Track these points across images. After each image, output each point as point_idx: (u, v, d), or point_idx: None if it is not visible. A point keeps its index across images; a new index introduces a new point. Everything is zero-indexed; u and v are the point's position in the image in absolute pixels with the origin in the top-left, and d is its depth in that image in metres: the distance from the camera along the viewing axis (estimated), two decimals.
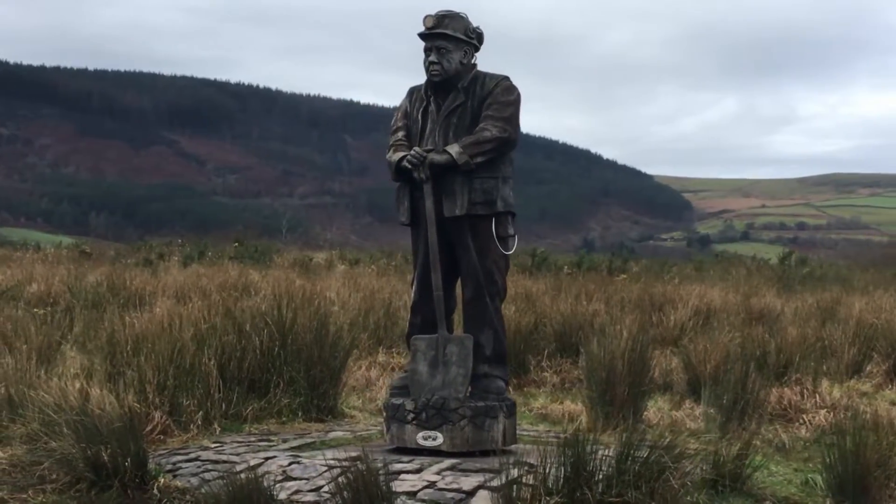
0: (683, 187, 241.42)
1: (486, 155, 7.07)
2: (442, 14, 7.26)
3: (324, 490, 6.29)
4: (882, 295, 17.51)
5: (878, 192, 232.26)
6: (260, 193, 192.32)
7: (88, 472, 6.44)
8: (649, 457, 5.81)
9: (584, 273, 23.21)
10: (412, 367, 7.14)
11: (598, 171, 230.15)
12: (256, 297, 11.93)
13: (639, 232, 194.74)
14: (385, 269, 23.38)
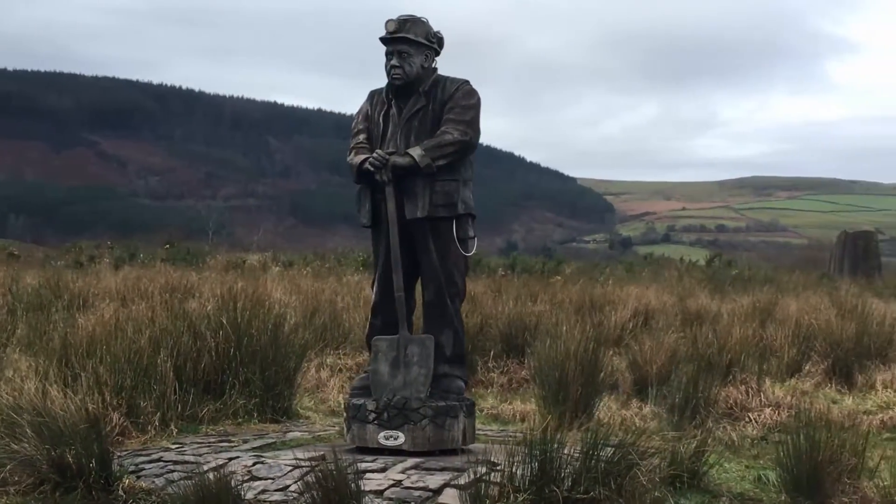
0: (606, 190, 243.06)
1: (448, 158, 7.17)
2: (403, 18, 7.36)
3: (290, 489, 6.35)
4: (811, 296, 17.84)
5: (795, 195, 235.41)
6: (183, 195, 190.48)
7: (53, 474, 6.44)
8: (615, 454, 5.93)
9: (518, 275, 23.37)
10: (373, 368, 7.21)
11: (521, 174, 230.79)
12: (201, 300, 11.90)
13: (562, 234, 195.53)
14: (320, 271, 23.38)
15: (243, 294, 9.09)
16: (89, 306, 12.42)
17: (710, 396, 8.53)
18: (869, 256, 35.85)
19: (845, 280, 27.42)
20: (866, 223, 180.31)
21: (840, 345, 11.08)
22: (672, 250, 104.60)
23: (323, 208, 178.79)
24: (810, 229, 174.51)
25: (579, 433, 7.11)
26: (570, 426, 8.41)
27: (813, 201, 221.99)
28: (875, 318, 12.35)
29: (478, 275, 22.98)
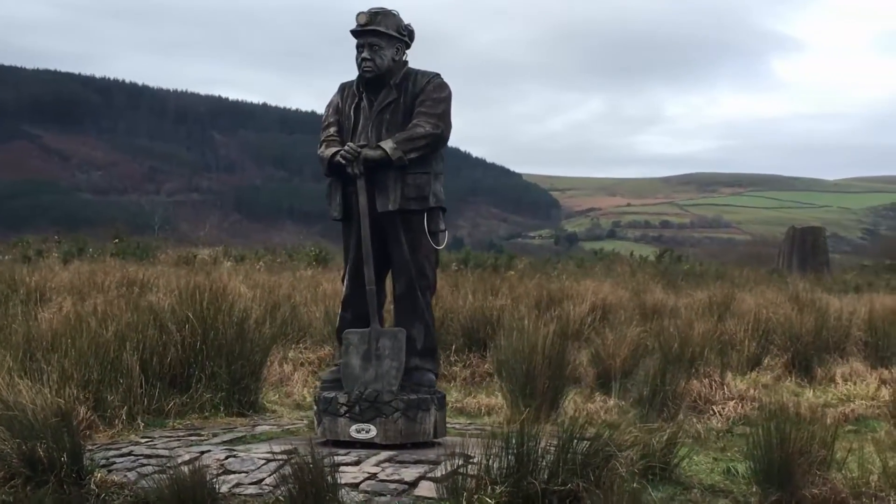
0: (551, 186, 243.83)
1: (420, 151, 7.17)
2: (374, 11, 7.35)
3: (265, 483, 6.34)
4: (766, 291, 18.00)
5: (739, 191, 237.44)
6: (126, 190, 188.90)
7: (23, 468, 6.39)
8: (592, 447, 5.96)
9: (472, 270, 23.38)
10: (345, 361, 7.19)
11: (467, 170, 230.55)
12: (159, 294, 11.85)
13: (507, 230, 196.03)
14: (273, 265, 23.29)
15: (207, 288, 8.98)
16: (47, 300, 12.30)
17: (676, 390, 8.57)
18: (817, 252, 36.24)
19: (795, 276, 27.69)
20: (809, 219, 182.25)
21: (799, 339, 11.20)
22: (617, 246, 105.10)
23: (268, 203, 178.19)
24: (753, 225, 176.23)
25: (551, 426, 7.13)
26: (538, 419, 8.44)
27: (756, 198, 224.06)
28: (832, 313, 12.46)
29: None
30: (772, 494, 6.45)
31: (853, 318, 12.62)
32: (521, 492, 5.83)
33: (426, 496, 6.08)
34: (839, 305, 14.27)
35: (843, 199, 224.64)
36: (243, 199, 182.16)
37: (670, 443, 6.78)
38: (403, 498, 6.06)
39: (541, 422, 8.10)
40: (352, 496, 6.05)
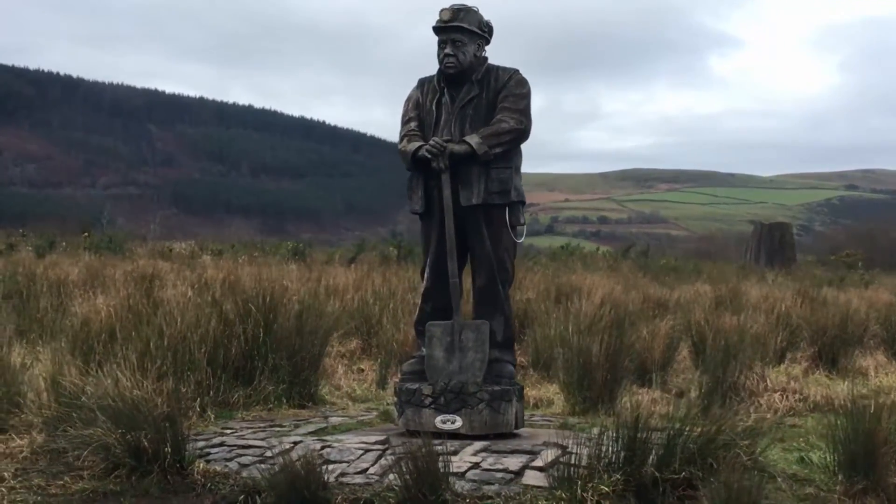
0: None
1: (504, 146, 7.28)
2: (457, 7, 7.44)
3: (370, 472, 6.42)
4: (755, 286, 18.28)
5: (676, 187, 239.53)
6: (61, 184, 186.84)
7: (128, 458, 6.42)
8: (703, 435, 6.09)
9: None
10: (428, 353, 7.27)
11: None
12: (181, 286, 11.86)
13: None
14: (255, 259, 23.24)
15: (261, 282, 9.06)
16: (69, 293, 12.27)
17: (736, 381, 8.74)
18: (784, 248, 36.75)
19: (765, 270, 28.07)
20: (744, 215, 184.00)
21: (825, 332, 11.42)
22: (557, 241, 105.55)
23: (205, 197, 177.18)
24: (690, 221, 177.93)
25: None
26: (597, 411, 8.61)
27: (692, 193, 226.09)
28: (850, 308, 12.72)
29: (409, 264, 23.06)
30: (857, 483, 6.58)
31: (869, 312, 12.87)
32: (633, 480, 5.94)
33: (535, 485, 6.18)
34: (844, 300, 14.53)
35: (778, 195, 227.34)
36: (180, 194, 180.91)
37: (753, 432, 6.89)
38: (513, 486, 6.17)
39: (593, 413, 8.32)
40: (461, 484, 6.15)
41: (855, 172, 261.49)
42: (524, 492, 6.09)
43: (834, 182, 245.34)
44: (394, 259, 24.89)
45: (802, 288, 16.23)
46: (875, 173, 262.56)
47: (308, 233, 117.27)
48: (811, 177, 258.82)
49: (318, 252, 30.47)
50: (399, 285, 14.14)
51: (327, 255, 27.83)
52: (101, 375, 6.94)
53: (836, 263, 37.17)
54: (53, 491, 6.26)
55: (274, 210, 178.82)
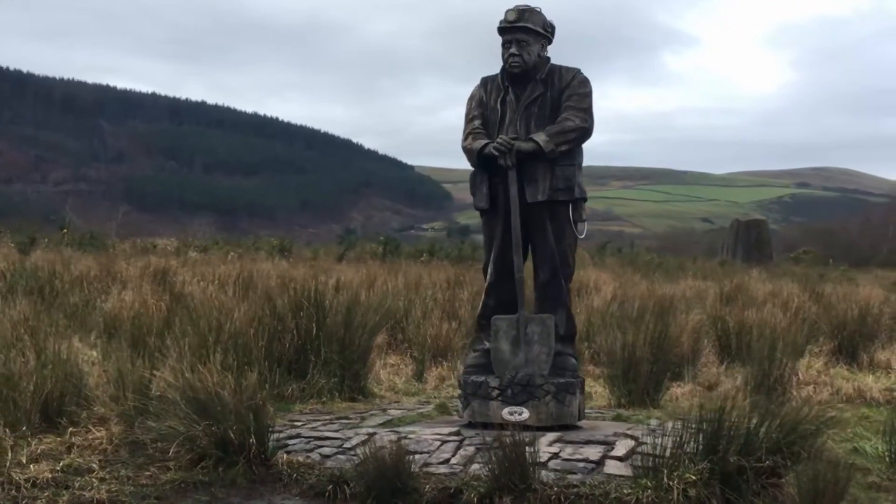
0: (444, 178, 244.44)
1: (570, 144, 7.47)
2: (522, 8, 7.61)
3: (452, 462, 6.57)
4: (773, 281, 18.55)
5: (630, 184, 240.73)
6: (11, 180, 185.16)
7: (214, 450, 6.53)
8: (785, 423, 6.26)
9: (439, 260, 23.65)
10: (495, 346, 7.44)
11: (359, 162, 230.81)
12: (202, 282, 11.96)
13: (400, 222, 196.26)
14: (244, 255, 23.27)
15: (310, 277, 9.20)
16: (94, 289, 12.33)
17: (783, 373, 8.95)
18: (761, 244, 37.23)
19: (743, 266, 28.41)
20: (697, 213, 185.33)
21: (845, 326, 11.68)
22: None
23: (158, 194, 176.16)
24: (643, 218, 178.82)
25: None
26: (644, 403, 8.80)
27: (646, 191, 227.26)
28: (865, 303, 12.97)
29: (391, 260, 23.18)
30: None
31: (883, 307, 13.13)
32: (718, 469, 6.10)
33: (618, 474, 6.34)
34: (843, 295, 14.80)
35: (731, 192, 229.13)
36: (133, 190, 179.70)
37: (832, 423, 7.02)
38: (595, 476, 6.32)
39: (638, 406, 8.51)
40: (545, 474, 6.29)
41: (807, 170, 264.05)
42: (607, 481, 6.24)
43: (786, 180, 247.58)
44: (380, 256, 25.00)
45: (809, 284, 16.54)
46: (827, 171, 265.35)
47: (262, 230, 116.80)
48: (764, 175, 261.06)
49: (302, 249, 30.54)
50: (415, 282, 14.27)
51: (312, 252, 27.92)
52: (182, 369, 7.02)
53: (808, 260, 37.70)
54: (143, 482, 6.36)
55: (227, 207, 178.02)
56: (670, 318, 10.06)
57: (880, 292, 16.93)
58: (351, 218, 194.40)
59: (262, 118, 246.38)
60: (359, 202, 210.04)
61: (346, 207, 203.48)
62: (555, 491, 6.11)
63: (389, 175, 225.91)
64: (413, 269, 17.93)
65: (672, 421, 7.08)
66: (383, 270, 16.92)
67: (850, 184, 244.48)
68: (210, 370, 6.92)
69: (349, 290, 9.91)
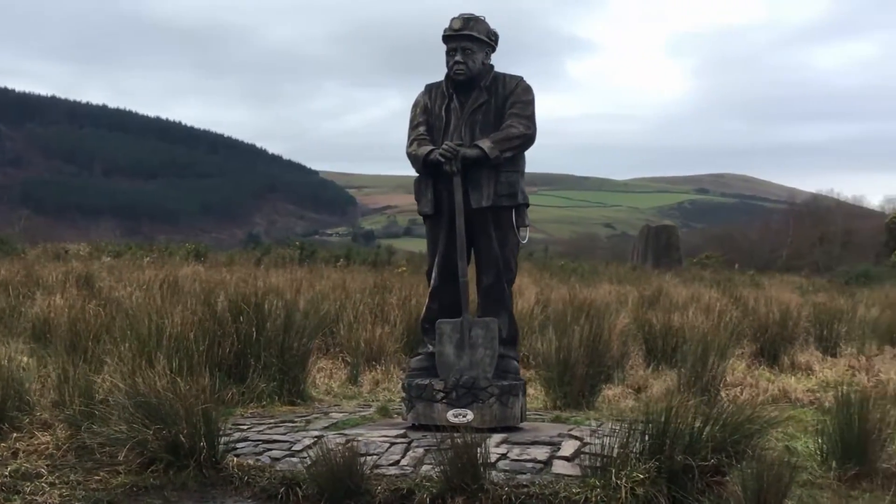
0: (348, 183, 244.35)
1: (514, 150, 7.61)
2: (467, 17, 7.74)
3: (402, 464, 6.66)
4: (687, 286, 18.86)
5: (531, 190, 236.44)
6: None
7: (165, 454, 6.55)
8: (728, 424, 6.43)
9: (356, 266, 23.68)
10: (439, 350, 7.54)
11: (263, 166, 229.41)
12: (128, 287, 11.91)
13: (304, 227, 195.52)
14: (158, 260, 23.10)
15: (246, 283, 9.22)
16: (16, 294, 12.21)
17: (715, 375, 9.16)
18: (671, 249, 37.80)
19: (654, 271, 28.82)
20: (598, 218, 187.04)
21: (767, 330, 11.97)
22: (414, 244, 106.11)
23: (56, 198, 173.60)
24: (546, 224, 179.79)
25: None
26: (580, 405, 8.96)
27: (548, 196, 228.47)
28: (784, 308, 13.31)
29: (308, 265, 23.15)
30: (850, 469, 7.00)
31: (801, 311, 13.47)
32: (664, 468, 6.26)
33: (566, 473, 6.47)
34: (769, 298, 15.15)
35: (632, 198, 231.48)
36: (30, 194, 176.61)
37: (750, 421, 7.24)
38: (544, 475, 6.44)
39: (574, 408, 8.66)
40: (495, 474, 6.40)
41: (705, 176, 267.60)
42: (556, 480, 6.36)
43: (685, 186, 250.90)
44: (297, 260, 24.96)
45: (728, 288, 16.87)
46: (724, 177, 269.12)
47: (164, 234, 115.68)
48: (664, 180, 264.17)
49: (218, 254, 30.37)
50: (340, 286, 14.32)
51: (227, 257, 27.79)
52: (129, 373, 7.03)
53: (713, 264, 38.38)
54: (93, 486, 6.37)
55: (129, 211, 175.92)
56: (604, 321, 10.19)
57: (794, 296, 17.33)
58: (254, 223, 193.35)
59: (165, 122, 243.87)
60: (262, 207, 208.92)
61: (249, 212, 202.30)
62: (505, 491, 6.22)
63: (293, 180, 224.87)
64: (334, 273, 17.96)
65: (613, 422, 7.21)
66: (305, 275, 16.93)
67: (748, 190, 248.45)
68: (159, 374, 6.92)
69: (281, 295, 9.90)
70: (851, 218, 67.43)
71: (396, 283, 15.66)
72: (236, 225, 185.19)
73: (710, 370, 9.13)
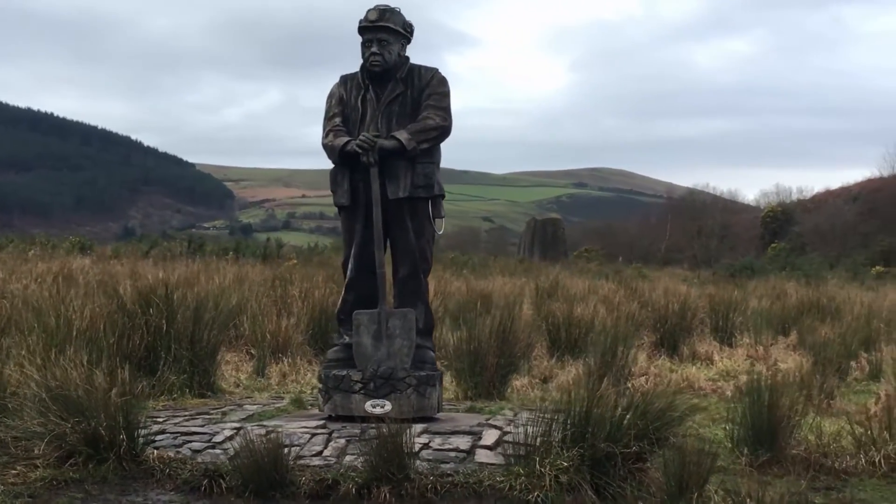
0: (225, 176, 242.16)
1: (431, 142, 7.65)
2: (383, 8, 7.75)
3: (325, 455, 6.67)
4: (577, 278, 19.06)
5: None
6: None
7: (84, 447, 6.47)
8: (649, 411, 6.54)
9: (245, 259, 23.51)
10: (356, 340, 7.55)
11: (138, 159, 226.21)
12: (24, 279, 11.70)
13: (181, 220, 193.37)
14: (43, 254, 22.68)
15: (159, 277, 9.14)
16: None
17: (626, 363, 9.30)
18: (557, 242, 38.18)
19: (541, 263, 29.07)
20: (477, 212, 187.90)
21: (666, 321, 12.17)
22: (293, 237, 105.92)
23: None
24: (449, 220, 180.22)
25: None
26: (491, 395, 9.03)
27: None
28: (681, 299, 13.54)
29: (198, 258, 22.92)
30: (762, 455, 7.18)
31: (698, 302, 13.72)
32: (587, 455, 6.34)
33: (489, 462, 6.54)
34: (656, 290, 15.39)
35: (511, 192, 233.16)
36: None
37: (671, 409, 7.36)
38: (468, 464, 6.50)
39: (484, 398, 8.73)
40: (419, 464, 6.44)
41: (583, 171, 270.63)
42: (480, 469, 6.43)
43: (564, 180, 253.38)
44: (186, 254, 24.72)
45: (622, 280, 17.10)
46: (602, 172, 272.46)
47: (36, 228, 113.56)
48: (542, 175, 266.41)
49: (103, 247, 29.93)
50: (238, 279, 14.22)
51: (113, 250, 27.40)
52: (45, 365, 6.92)
53: (595, 257, 38.84)
54: (11, 480, 6.26)
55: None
56: (512, 312, 10.26)
57: (686, 288, 17.63)
58: (129, 216, 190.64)
59: (36, 113, 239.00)
60: (137, 200, 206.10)
61: (124, 205, 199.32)
62: (430, 480, 6.27)
63: (169, 172, 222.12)
64: (229, 267, 17.83)
65: (529, 411, 7.28)
66: (201, 268, 16.76)
67: (625, 184, 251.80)
68: (76, 366, 6.83)
69: (190, 287, 9.82)
70: (728, 212, 68.72)
71: (296, 275, 15.61)
72: (111, 218, 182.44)
73: (619, 360, 9.25)
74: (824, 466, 7.13)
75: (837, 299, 16.43)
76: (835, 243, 50.39)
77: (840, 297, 16.85)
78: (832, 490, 6.68)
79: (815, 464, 7.12)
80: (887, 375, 10.40)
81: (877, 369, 10.91)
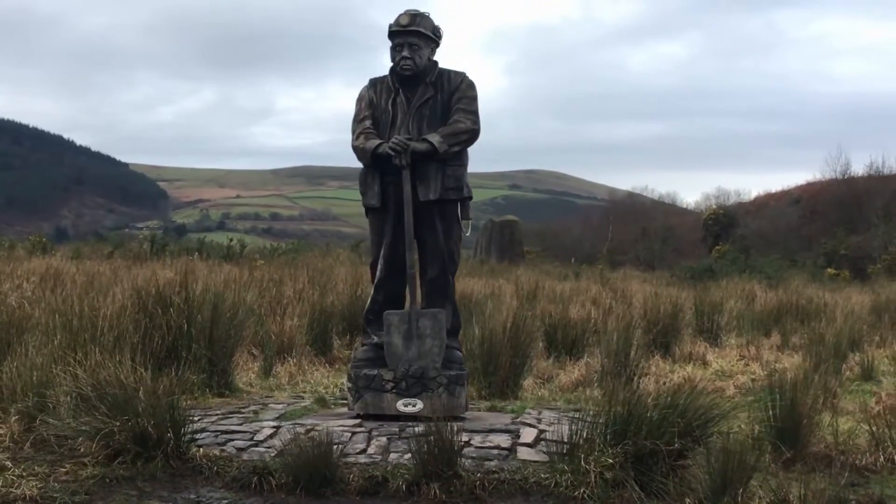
0: (159, 176, 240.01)
1: (461, 145, 7.79)
2: (414, 13, 7.89)
3: (370, 452, 6.77)
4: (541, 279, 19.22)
5: (346, 184, 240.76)
6: None
7: (132, 445, 6.53)
8: (689, 410, 6.70)
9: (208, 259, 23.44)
10: (387, 340, 7.66)
11: (70, 158, 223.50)
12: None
13: (114, 220, 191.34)
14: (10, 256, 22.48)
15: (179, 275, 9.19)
16: None
17: (640, 363, 9.46)
18: (514, 244, 38.39)
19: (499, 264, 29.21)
20: None
21: (659, 322, 12.36)
22: (227, 237, 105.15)
23: None
24: (360, 218, 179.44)
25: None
26: (505, 395, 9.16)
27: None
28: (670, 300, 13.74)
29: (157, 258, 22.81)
30: (785, 453, 7.35)
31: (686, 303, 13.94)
32: (631, 452, 6.49)
33: (532, 459, 6.67)
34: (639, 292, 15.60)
35: None
36: None
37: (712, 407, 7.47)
38: (511, 462, 6.63)
39: (499, 398, 8.86)
40: (464, 462, 6.56)
41: (518, 173, 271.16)
42: (524, 466, 6.55)
43: (499, 182, 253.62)
44: (147, 253, 24.63)
45: (609, 283, 17.32)
46: (537, 174, 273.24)
47: None
48: (479, 176, 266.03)
49: (63, 247, 29.70)
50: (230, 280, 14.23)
51: (73, 250, 27.21)
52: (91, 366, 6.97)
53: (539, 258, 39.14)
54: (63, 478, 6.29)
55: None
56: (529, 312, 10.39)
57: (651, 288, 17.87)
58: (61, 216, 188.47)
59: None
60: (69, 200, 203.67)
61: (55, 205, 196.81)
62: (478, 477, 6.37)
63: (102, 172, 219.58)
64: (212, 268, 17.81)
65: (551, 410, 7.41)
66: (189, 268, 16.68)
67: (559, 186, 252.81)
68: (123, 367, 6.88)
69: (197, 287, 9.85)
70: (669, 214, 69.38)
71: (282, 275, 15.67)
72: (42, 218, 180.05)
73: (632, 360, 9.42)
74: (845, 464, 7.28)
75: (814, 301, 16.73)
76: (778, 246, 50.98)
77: (814, 299, 17.15)
78: (857, 486, 6.82)
79: (835, 461, 7.29)
80: (885, 375, 10.66)
81: (868, 369, 11.15)
